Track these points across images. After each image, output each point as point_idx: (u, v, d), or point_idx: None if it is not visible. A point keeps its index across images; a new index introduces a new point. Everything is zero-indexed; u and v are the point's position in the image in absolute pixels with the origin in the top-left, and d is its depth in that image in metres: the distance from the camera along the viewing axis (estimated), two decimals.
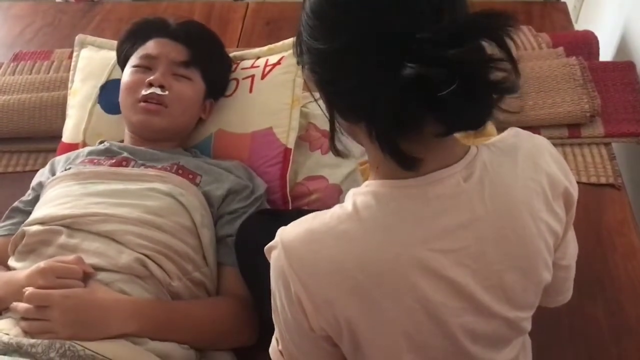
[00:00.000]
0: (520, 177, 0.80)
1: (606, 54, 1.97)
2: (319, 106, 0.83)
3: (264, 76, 1.56)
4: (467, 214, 0.77)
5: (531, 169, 0.82)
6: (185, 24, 1.52)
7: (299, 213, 0.95)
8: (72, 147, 1.55)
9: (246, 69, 1.59)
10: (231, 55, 1.60)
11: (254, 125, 1.51)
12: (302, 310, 0.78)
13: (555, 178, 0.84)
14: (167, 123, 1.39)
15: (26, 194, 1.41)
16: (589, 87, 1.66)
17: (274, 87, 1.54)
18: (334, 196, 1.47)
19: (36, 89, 1.83)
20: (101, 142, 1.49)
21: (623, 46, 1.94)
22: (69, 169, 1.37)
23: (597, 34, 1.89)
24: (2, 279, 1.18)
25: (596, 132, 1.62)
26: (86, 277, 1.12)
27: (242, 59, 1.64)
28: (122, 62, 1.51)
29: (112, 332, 1.08)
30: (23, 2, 2.44)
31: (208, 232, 1.28)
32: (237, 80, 1.56)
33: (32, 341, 1.03)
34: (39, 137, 1.75)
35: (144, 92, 1.37)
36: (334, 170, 1.51)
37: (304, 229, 0.78)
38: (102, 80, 1.62)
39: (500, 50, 0.68)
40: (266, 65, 1.58)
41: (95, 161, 1.38)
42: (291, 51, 1.56)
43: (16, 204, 1.39)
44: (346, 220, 0.77)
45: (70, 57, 1.82)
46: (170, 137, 1.43)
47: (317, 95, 0.83)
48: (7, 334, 1.06)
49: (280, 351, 0.89)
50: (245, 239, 1.23)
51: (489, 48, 0.69)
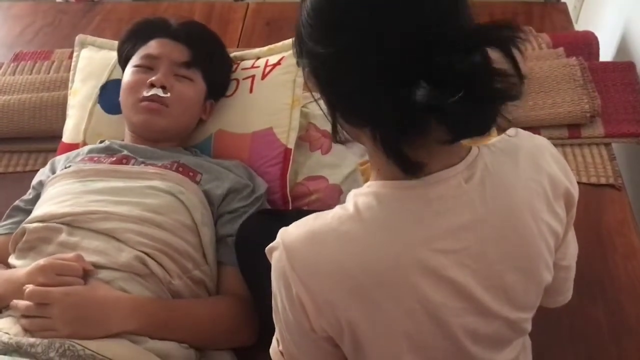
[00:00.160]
0: (522, 177, 0.80)
1: (606, 54, 1.97)
2: (319, 106, 0.83)
3: (264, 76, 1.56)
4: (468, 214, 0.77)
5: (532, 170, 0.82)
6: (187, 24, 1.52)
7: (299, 213, 0.96)
8: (72, 147, 1.55)
9: (246, 69, 1.59)
10: (231, 55, 1.60)
11: (254, 126, 1.51)
12: (303, 311, 0.78)
13: (556, 178, 0.84)
14: (168, 123, 1.39)
15: (27, 193, 1.41)
16: (589, 88, 1.66)
17: (274, 87, 1.54)
18: (334, 196, 1.47)
19: (36, 89, 1.83)
20: (102, 141, 1.49)
21: (623, 46, 1.94)
22: (69, 167, 1.37)
23: (597, 34, 1.89)
24: (3, 276, 1.19)
25: (596, 133, 1.62)
26: (86, 275, 1.12)
27: (243, 59, 1.64)
28: (123, 62, 1.51)
29: (112, 329, 1.08)
30: (23, 2, 2.44)
31: (208, 230, 1.28)
32: (237, 80, 1.56)
33: (32, 341, 1.04)
34: (39, 137, 1.75)
35: (145, 93, 1.37)
36: (334, 171, 1.51)
37: (305, 229, 0.78)
38: (103, 81, 1.62)
39: (506, 59, 0.68)
40: (266, 66, 1.58)
41: (96, 159, 1.38)
42: (291, 51, 1.55)
43: (17, 202, 1.39)
44: (348, 221, 0.77)
45: (71, 57, 1.82)
46: (170, 137, 1.43)
47: (317, 95, 0.83)
48: (7, 334, 1.06)
49: (281, 352, 0.88)
50: (245, 239, 1.23)
51: (492, 54, 0.69)
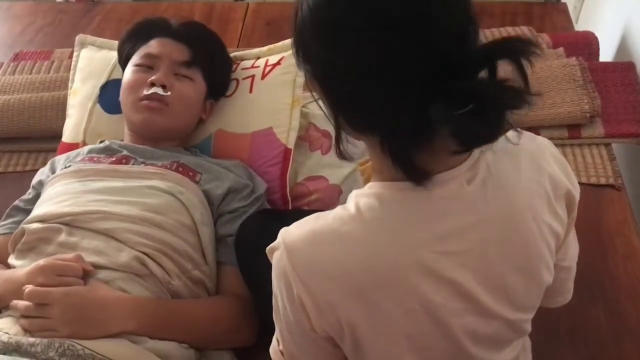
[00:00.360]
0: (523, 179, 0.80)
1: (606, 54, 1.97)
2: (319, 106, 0.82)
3: (264, 76, 1.56)
4: (470, 216, 0.77)
5: (534, 171, 0.82)
6: (187, 24, 1.52)
7: (299, 213, 0.96)
8: (72, 147, 1.55)
9: (246, 69, 1.59)
10: (231, 55, 1.60)
11: (254, 125, 1.51)
12: (304, 311, 0.78)
13: (557, 179, 0.84)
14: (168, 122, 1.38)
15: (26, 193, 1.41)
16: (589, 88, 1.65)
17: (274, 87, 1.54)
18: (334, 196, 1.47)
19: (36, 88, 1.83)
20: (102, 141, 1.49)
21: (623, 46, 1.94)
22: (69, 166, 1.37)
23: (597, 34, 1.89)
24: (2, 277, 1.19)
25: (596, 133, 1.62)
26: (86, 275, 1.12)
27: (242, 59, 1.63)
28: (123, 61, 1.50)
29: (111, 329, 1.08)
30: (23, 2, 2.44)
31: (208, 230, 1.28)
32: (237, 80, 1.56)
33: (32, 340, 1.03)
34: (39, 137, 1.75)
35: (145, 91, 1.37)
36: (334, 171, 1.51)
37: (306, 230, 0.78)
38: (103, 80, 1.62)
39: (516, 71, 0.68)
40: (266, 66, 1.58)
41: (95, 159, 1.38)
42: (291, 51, 1.56)
43: (16, 202, 1.39)
44: (349, 221, 0.76)
45: (71, 57, 1.82)
46: (170, 136, 1.43)
47: (317, 95, 0.82)
48: (6, 333, 1.06)
49: (281, 351, 0.88)
50: (245, 239, 1.23)
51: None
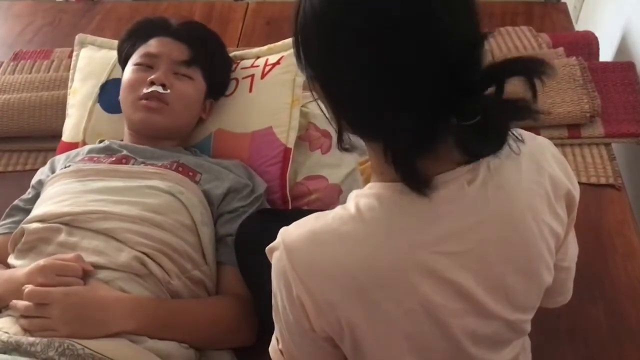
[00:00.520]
0: (524, 179, 0.80)
1: (606, 54, 1.97)
2: (319, 106, 0.82)
3: (263, 76, 1.56)
4: (470, 217, 0.77)
5: (534, 172, 0.82)
6: (187, 23, 1.52)
7: (299, 213, 0.95)
8: (72, 146, 1.55)
9: (246, 68, 1.59)
10: (231, 54, 1.60)
11: (253, 125, 1.51)
12: (304, 312, 0.78)
13: (557, 180, 0.84)
14: (168, 121, 1.38)
15: (26, 192, 1.41)
16: (589, 88, 1.65)
17: (274, 87, 1.54)
18: (334, 196, 1.47)
19: (36, 88, 1.83)
20: (101, 141, 1.49)
21: (623, 46, 1.94)
22: (69, 166, 1.37)
23: (597, 34, 1.89)
24: (2, 276, 1.19)
25: (596, 133, 1.62)
26: (86, 275, 1.12)
27: (242, 58, 1.63)
28: (123, 61, 1.50)
29: (111, 329, 1.08)
30: (23, 1, 2.44)
31: (207, 230, 1.28)
32: (237, 79, 1.56)
33: (32, 340, 1.03)
34: (39, 136, 1.75)
35: (145, 90, 1.37)
36: (334, 170, 1.51)
37: (306, 230, 0.78)
38: (103, 80, 1.62)
39: (528, 87, 0.68)
40: (266, 65, 1.58)
41: (95, 159, 1.38)
42: (291, 51, 1.55)
43: (16, 202, 1.39)
44: (349, 221, 0.76)
45: (71, 56, 1.82)
46: (170, 135, 1.43)
47: (317, 95, 0.82)
48: (6, 333, 1.06)
49: (281, 350, 0.88)
50: (245, 239, 1.23)
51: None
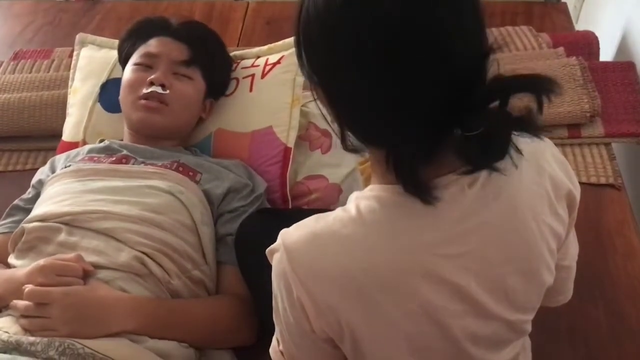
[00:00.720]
0: (524, 181, 0.80)
1: (606, 54, 1.97)
2: (318, 106, 0.82)
3: (264, 75, 1.56)
4: (471, 219, 0.76)
5: (535, 172, 0.81)
6: (187, 23, 1.52)
7: (299, 212, 0.95)
8: (72, 145, 1.55)
9: (246, 68, 1.59)
10: (231, 54, 1.60)
11: (254, 124, 1.51)
12: (304, 313, 0.78)
13: (557, 180, 0.83)
14: (167, 121, 1.38)
15: (26, 192, 1.41)
16: (589, 87, 1.65)
17: (274, 86, 1.54)
18: (334, 196, 1.47)
19: (36, 87, 1.83)
20: (102, 141, 1.49)
21: (623, 46, 1.94)
22: (69, 166, 1.37)
23: (597, 34, 1.89)
24: (2, 276, 1.19)
25: (596, 132, 1.62)
26: (86, 275, 1.12)
27: (242, 58, 1.63)
28: (123, 60, 1.51)
29: (111, 329, 1.08)
30: (24, 0, 2.44)
31: (208, 229, 1.28)
32: (237, 79, 1.56)
33: (32, 339, 1.04)
34: (39, 135, 1.75)
35: (144, 90, 1.37)
36: (334, 170, 1.51)
37: (306, 231, 0.77)
38: (103, 79, 1.62)
39: (535, 103, 0.69)
40: (266, 65, 1.58)
41: (95, 159, 1.38)
42: (291, 50, 1.56)
43: (16, 201, 1.39)
44: (349, 223, 0.76)
45: (71, 55, 1.82)
46: (169, 135, 1.43)
47: (316, 96, 0.81)
48: (6, 332, 1.06)
49: (281, 351, 0.88)
50: (245, 238, 1.23)
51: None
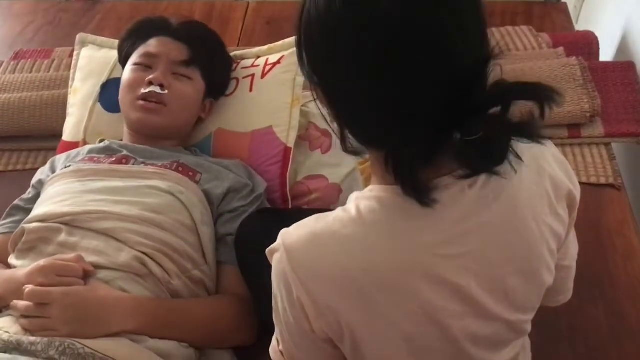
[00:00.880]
0: (525, 181, 0.80)
1: (606, 54, 1.97)
2: (318, 106, 0.82)
3: (264, 75, 1.56)
4: (471, 219, 0.76)
5: (535, 173, 0.81)
6: (187, 23, 1.52)
7: (299, 212, 0.95)
8: (72, 145, 1.55)
9: (246, 68, 1.59)
10: (231, 54, 1.60)
11: (254, 124, 1.51)
12: (304, 313, 0.78)
13: (558, 180, 0.83)
14: (166, 121, 1.38)
15: (27, 192, 1.41)
16: (589, 87, 1.65)
17: (274, 86, 1.54)
18: (334, 195, 1.47)
19: (37, 87, 1.83)
20: (102, 141, 1.49)
21: (623, 46, 1.94)
22: (69, 166, 1.37)
23: (597, 34, 1.89)
24: (3, 277, 1.19)
25: (596, 132, 1.62)
26: (86, 276, 1.12)
27: (242, 58, 1.63)
28: (123, 60, 1.51)
29: (112, 329, 1.08)
30: (24, 0, 2.44)
31: (208, 229, 1.28)
32: (237, 79, 1.56)
33: (32, 339, 1.04)
34: (39, 135, 1.75)
35: (143, 90, 1.37)
36: (334, 170, 1.51)
37: (306, 231, 0.77)
38: (103, 79, 1.62)
39: (537, 110, 0.69)
40: (266, 65, 1.58)
41: (95, 159, 1.38)
42: (291, 50, 1.56)
43: (17, 202, 1.39)
44: (349, 224, 0.76)
45: (71, 55, 1.82)
46: (169, 135, 1.43)
47: (316, 96, 0.81)
48: (7, 332, 1.06)
49: (281, 351, 0.88)
50: (245, 238, 1.23)
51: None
